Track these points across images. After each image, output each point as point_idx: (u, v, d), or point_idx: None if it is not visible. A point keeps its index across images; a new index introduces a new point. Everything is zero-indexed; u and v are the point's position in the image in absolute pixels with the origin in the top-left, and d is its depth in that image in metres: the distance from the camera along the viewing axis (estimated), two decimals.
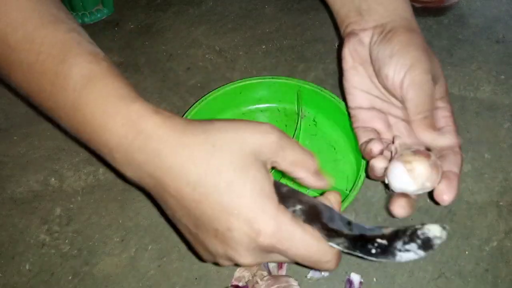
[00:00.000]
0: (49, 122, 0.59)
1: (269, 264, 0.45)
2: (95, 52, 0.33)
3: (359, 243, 0.32)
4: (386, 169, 0.38)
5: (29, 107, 0.60)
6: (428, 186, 0.36)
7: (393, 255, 0.31)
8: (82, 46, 0.33)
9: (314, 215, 0.32)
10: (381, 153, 0.39)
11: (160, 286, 0.45)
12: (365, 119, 0.43)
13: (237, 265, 0.33)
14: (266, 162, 0.31)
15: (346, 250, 0.32)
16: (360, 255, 0.32)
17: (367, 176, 0.42)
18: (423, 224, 0.31)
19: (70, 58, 0.31)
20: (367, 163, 0.41)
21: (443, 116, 0.40)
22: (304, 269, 0.46)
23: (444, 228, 0.31)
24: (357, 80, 0.44)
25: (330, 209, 0.33)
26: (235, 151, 0.30)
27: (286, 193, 0.32)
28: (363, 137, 0.43)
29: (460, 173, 0.38)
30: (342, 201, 0.44)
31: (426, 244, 0.31)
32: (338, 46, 0.64)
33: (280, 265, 0.45)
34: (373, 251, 0.31)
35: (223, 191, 0.29)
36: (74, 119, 0.32)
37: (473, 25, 0.66)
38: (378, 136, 0.42)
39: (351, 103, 0.44)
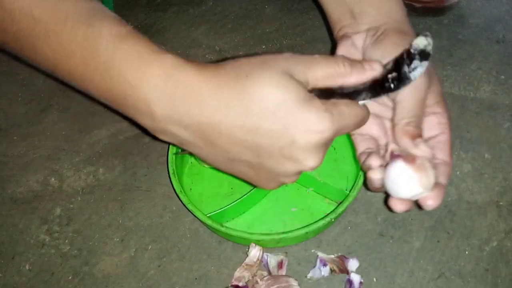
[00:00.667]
0: (49, 122, 0.59)
1: (269, 264, 0.45)
2: (118, 18, 0.34)
3: (378, 88, 0.35)
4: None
5: (29, 107, 0.60)
6: (420, 191, 0.36)
7: (408, 78, 0.34)
8: (106, 12, 0.34)
9: (329, 92, 0.34)
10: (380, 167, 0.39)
11: (160, 286, 0.45)
12: None
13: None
14: (300, 80, 0.33)
15: (373, 100, 0.35)
16: (385, 95, 0.35)
17: (367, 188, 0.42)
18: (410, 44, 0.35)
19: (97, 22, 0.32)
20: (365, 173, 0.41)
21: (439, 123, 0.39)
22: (304, 269, 0.46)
23: (426, 35, 0.34)
24: None
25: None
26: (270, 75, 0.31)
27: (319, 93, 0.34)
28: (361, 146, 0.42)
29: (447, 183, 0.38)
30: (342, 201, 0.44)
31: (424, 54, 0.34)
32: (331, 49, 0.64)
33: (280, 265, 0.45)
34: (392, 85, 0.35)
35: (273, 113, 0.31)
36: (109, 79, 0.32)
37: (473, 25, 0.66)
38: (376, 144, 0.42)
39: None
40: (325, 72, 0.33)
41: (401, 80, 0.35)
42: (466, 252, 0.46)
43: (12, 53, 0.36)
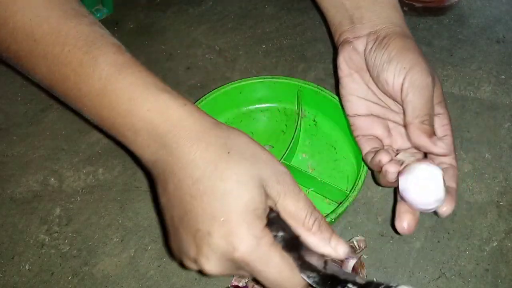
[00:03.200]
0: (49, 122, 0.59)
1: None
2: (118, 44, 0.34)
3: (330, 282, 0.31)
4: (398, 175, 0.37)
5: (29, 107, 0.60)
6: (443, 197, 0.35)
7: None
8: (105, 38, 0.34)
9: (293, 245, 0.32)
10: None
11: (159, 286, 0.45)
12: (365, 126, 0.44)
13: (200, 271, 0.32)
14: (269, 195, 0.31)
15: (315, 286, 0.32)
16: None
17: (377, 183, 0.42)
18: (397, 285, 0.31)
19: (95, 49, 0.32)
20: (373, 171, 0.41)
21: (442, 124, 0.40)
22: None
23: None
24: (354, 87, 0.44)
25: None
26: (246, 168, 0.30)
27: (274, 219, 0.32)
28: (366, 147, 0.43)
29: (457, 187, 0.39)
30: (343, 201, 0.44)
31: None
32: (333, 54, 0.64)
33: None
34: None
35: (218, 197, 0.30)
36: (99, 106, 0.33)
37: (473, 25, 0.66)
38: (381, 144, 0.42)
39: (349, 110, 0.45)
40: (295, 212, 0.32)
41: None
42: (466, 252, 0.46)
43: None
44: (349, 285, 0.31)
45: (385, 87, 0.40)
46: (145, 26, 0.69)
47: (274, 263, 0.30)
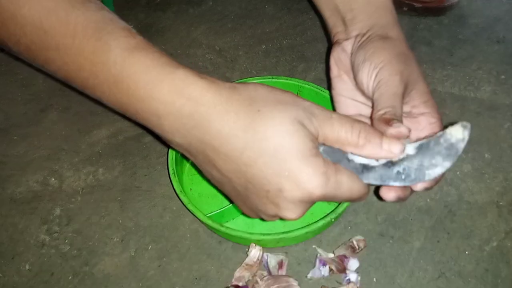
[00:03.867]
0: (49, 122, 0.59)
1: (269, 264, 0.45)
2: (128, 27, 0.34)
3: (390, 170, 0.32)
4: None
5: (29, 107, 0.60)
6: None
7: (423, 174, 0.32)
8: (115, 22, 0.34)
9: (338, 154, 0.33)
10: None
11: (160, 286, 0.45)
12: None
13: (281, 219, 0.34)
14: (312, 132, 0.32)
15: (379, 183, 0.33)
16: (393, 183, 0.33)
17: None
18: (445, 129, 0.31)
19: (106, 34, 0.32)
20: None
21: (429, 123, 0.39)
22: (304, 269, 0.46)
23: (465, 127, 0.30)
24: (343, 88, 0.44)
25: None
26: (282, 118, 0.31)
27: (324, 151, 0.33)
28: None
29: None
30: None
31: (451, 151, 0.31)
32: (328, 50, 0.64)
33: (280, 265, 0.45)
34: (403, 176, 0.32)
35: (272, 155, 0.30)
36: (118, 93, 0.33)
37: (473, 25, 0.66)
38: None
39: (339, 111, 0.45)
40: (336, 135, 0.32)
41: (415, 174, 0.32)
42: (466, 252, 0.46)
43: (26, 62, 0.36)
44: (405, 163, 0.32)
45: (362, 87, 0.41)
46: (145, 26, 0.70)
47: (344, 185, 0.32)
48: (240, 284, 0.44)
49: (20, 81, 0.63)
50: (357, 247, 0.46)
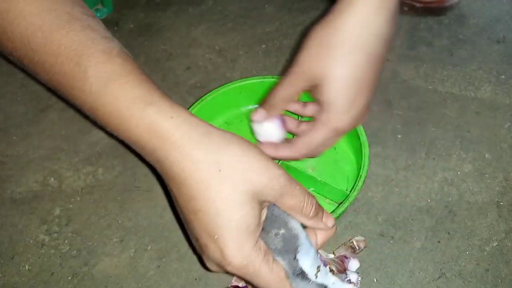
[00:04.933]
0: (49, 122, 0.59)
1: None
2: (109, 49, 0.34)
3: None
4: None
5: (29, 107, 0.60)
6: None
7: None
8: (96, 44, 0.34)
9: (292, 245, 0.34)
10: None
11: (159, 286, 0.45)
12: None
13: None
14: (264, 202, 0.33)
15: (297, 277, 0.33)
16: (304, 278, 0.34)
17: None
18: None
19: (85, 60, 0.33)
20: None
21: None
22: None
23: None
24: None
25: (309, 245, 0.34)
26: (237, 185, 0.31)
27: (277, 214, 0.34)
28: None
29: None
30: (343, 201, 0.44)
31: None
32: None
33: None
34: (315, 276, 0.34)
35: (212, 216, 0.31)
36: (95, 116, 0.34)
37: (473, 25, 0.66)
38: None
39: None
40: (293, 205, 0.34)
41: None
42: (467, 252, 0.46)
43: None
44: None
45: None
46: (145, 26, 0.69)
47: (263, 277, 0.32)
48: (240, 285, 0.44)
49: (20, 81, 0.63)
50: (357, 247, 0.46)
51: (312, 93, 0.43)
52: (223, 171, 0.31)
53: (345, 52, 0.40)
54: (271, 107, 0.46)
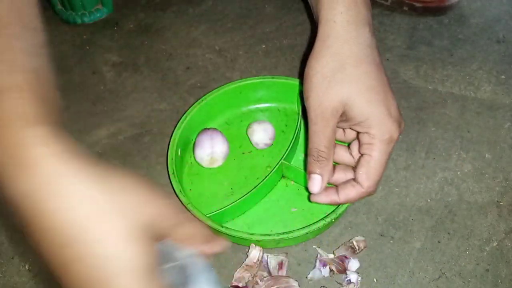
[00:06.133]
0: None
1: (269, 264, 0.45)
2: (20, 86, 0.30)
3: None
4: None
5: None
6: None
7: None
8: (12, 74, 0.29)
9: (182, 276, 0.32)
10: None
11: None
12: None
13: None
14: (156, 235, 0.29)
15: None
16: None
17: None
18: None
19: None
20: None
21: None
22: (304, 269, 0.46)
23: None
24: None
25: (199, 272, 0.33)
26: (125, 220, 0.27)
27: (168, 248, 0.32)
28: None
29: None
30: None
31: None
32: None
33: (280, 265, 0.45)
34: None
35: (98, 262, 0.26)
36: None
37: (473, 25, 0.66)
38: None
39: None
40: (185, 235, 0.31)
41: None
42: (467, 252, 0.46)
43: None
44: None
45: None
46: (145, 26, 0.69)
47: None
48: (240, 285, 0.44)
49: None
50: (357, 247, 0.46)
51: (342, 125, 0.42)
52: (105, 206, 0.26)
53: (351, 70, 0.39)
54: (323, 170, 0.43)
